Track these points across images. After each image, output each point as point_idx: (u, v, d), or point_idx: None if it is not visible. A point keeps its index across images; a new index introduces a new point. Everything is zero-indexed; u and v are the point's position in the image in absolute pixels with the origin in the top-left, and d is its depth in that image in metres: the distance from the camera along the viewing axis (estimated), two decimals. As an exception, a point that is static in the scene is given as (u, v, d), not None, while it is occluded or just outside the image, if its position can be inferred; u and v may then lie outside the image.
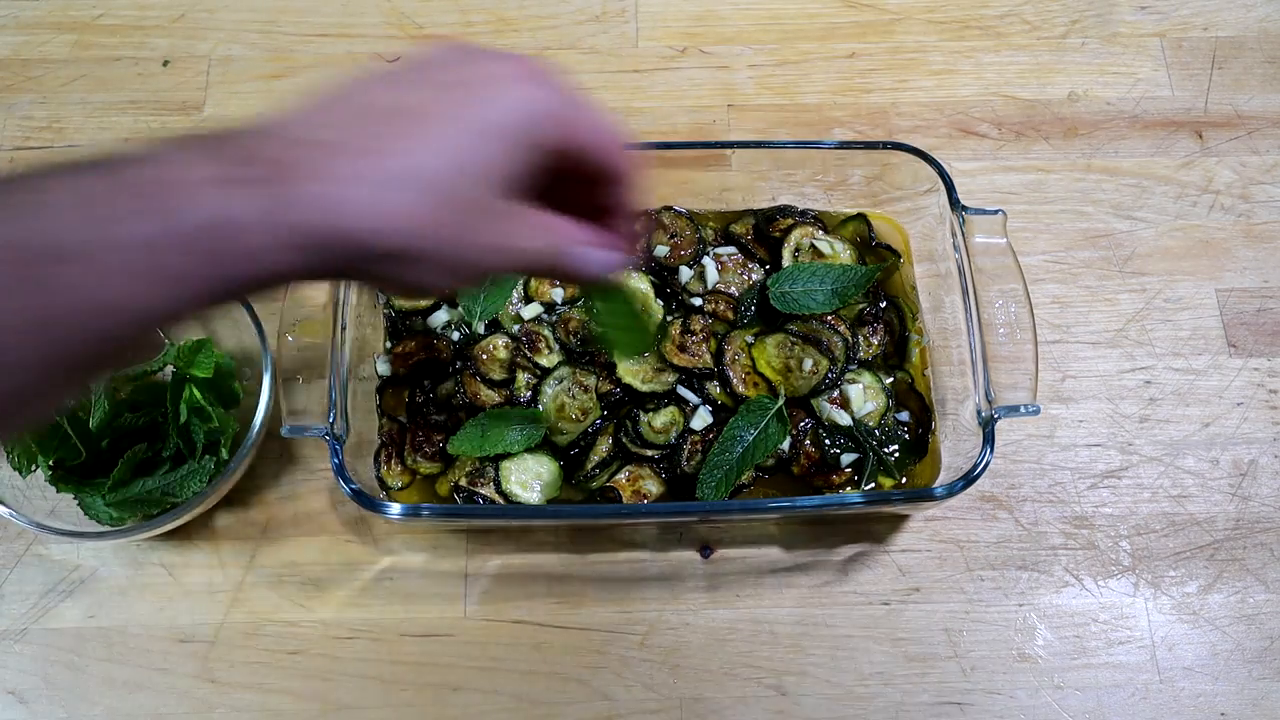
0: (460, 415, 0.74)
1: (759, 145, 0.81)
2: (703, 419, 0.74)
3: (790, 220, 0.81)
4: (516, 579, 0.75)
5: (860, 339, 0.78)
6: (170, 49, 0.94)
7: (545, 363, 0.76)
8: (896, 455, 0.75)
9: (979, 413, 0.69)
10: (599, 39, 0.95)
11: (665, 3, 0.97)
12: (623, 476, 0.74)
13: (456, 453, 0.72)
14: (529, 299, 0.79)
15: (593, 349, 0.77)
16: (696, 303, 0.78)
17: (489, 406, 0.75)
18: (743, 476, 0.72)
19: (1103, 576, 0.75)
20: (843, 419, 0.74)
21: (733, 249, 0.80)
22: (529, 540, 0.76)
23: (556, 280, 0.49)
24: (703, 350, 0.76)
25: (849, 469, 0.74)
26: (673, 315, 0.78)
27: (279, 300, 0.72)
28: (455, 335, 0.78)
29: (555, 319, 0.78)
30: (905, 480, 0.75)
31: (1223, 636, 0.74)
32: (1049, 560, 0.76)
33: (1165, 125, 0.91)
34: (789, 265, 0.79)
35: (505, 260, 0.44)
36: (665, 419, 0.74)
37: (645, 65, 0.94)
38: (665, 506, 0.74)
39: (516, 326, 0.78)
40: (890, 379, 0.77)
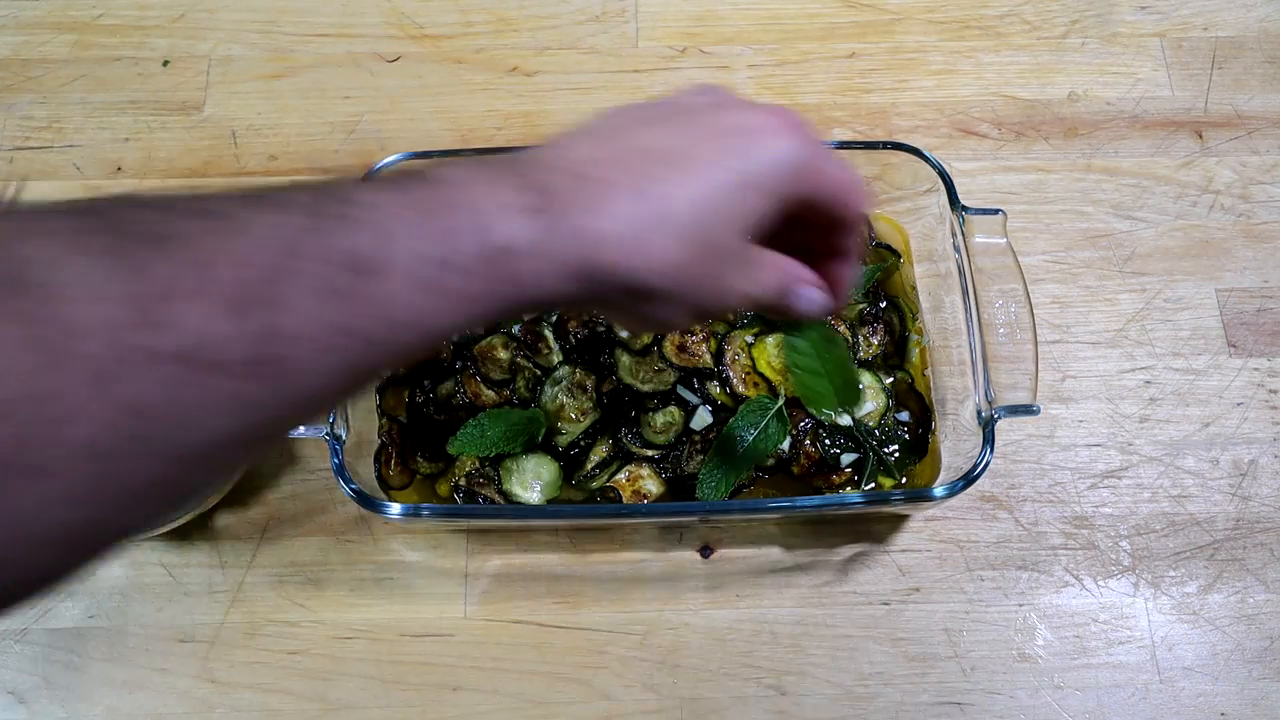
0: (460, 415, 0.74)
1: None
2: (703, 419, 0.74)
3: (790, 220, 0.81)
4: (516, 579, 0.75)
5: (860, 339, 0.78)
6: (170, 49, 0.94)
7: (545, 363, 0.76)
8: (896, 455, 0.75)
9: (979, 413, 0.69)
10: (599, 39, 0.95)
11: (665, 3, 0.97)
12: (623, 476, 0.74)
13: (456, 453, 0.72)
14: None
15: (593, 349, 0.77)
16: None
17: (489, 406, 0.75)
18: (743, 476, 0.72)
19: (1103, 576, 0.76)
20: (843, 419, 0.74)
21: (733, 249, 0.80)
22: (529, 540, 0.76)
23: (774, 316, 0.51)
24: (703, 350, 0.76)
25: (849, 469, 0.74)
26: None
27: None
28: (455, 335, 0.78)
29: (555, 319, 0.78)
30: (905, 480, 0.75)
31: (1223, 636, 0.74)
32: (1049, 560, 0.76)
33: (1165, 125, 0.91)
34: (789, 265, 0.79)
35: (740, 300, 0.47)
36: (665, 419, 0.75)
37: (645, 65, 0.94)
38: (665, 506, 0.74)
39: (516, 326, 0.78)
40: (890, 379, 0.77)
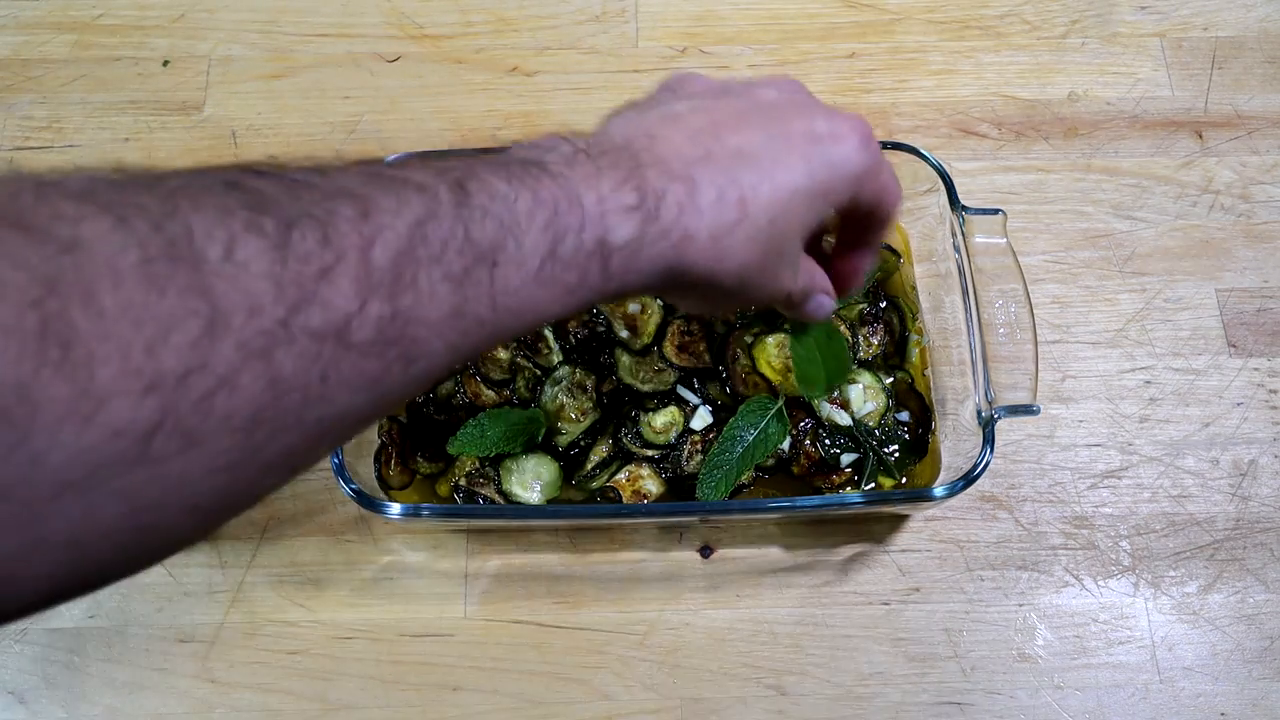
0: (460, 415, 0.74)
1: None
2: (703, 419, 0.74)
3: (790, 220, 0.81)
4: (516, 579, 0.75)
5: (860, 339, 0.78)
6: (170, 49, 0.94)
7: (545, 363, 0.76)
8: (896, 455, 0.75)
9: (979, 413, 0.69)
10: (599, 39, 0.95)
11: (665, 3, 0.97)
12: (623, 476, 0.74)
13: (456, 453, 0.72)
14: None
15: (593, 349, 0.77)
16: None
17: (489, 406, 0.75)
18: (743, 476, 0.71)
19: (1103, 576, 0.76)
20: (843, 419, 0.74)
21: (733, 249, 0.80)
22: (529, 540, 0.76)
23: (789, 315, 0.54)
24: (702, 350, 0.76)
25: (849, 469, 0.74)
26: (673, 315, 0.78)
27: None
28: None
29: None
30: (905, 480, 0.75)
31: (1223, 636, 0.74)
32: (1049, 560, 0.76)
33: (1165, 125, 0.91)
34: (789, 265, 0.79)
35: (776, 297, 0.48)
36: (665, 419, 0.74)
37: (645, 65, 0.94)
38: (665, 506, 0.74)
39: (516, 326, 0.78)
40: (890, 379, 0.77)
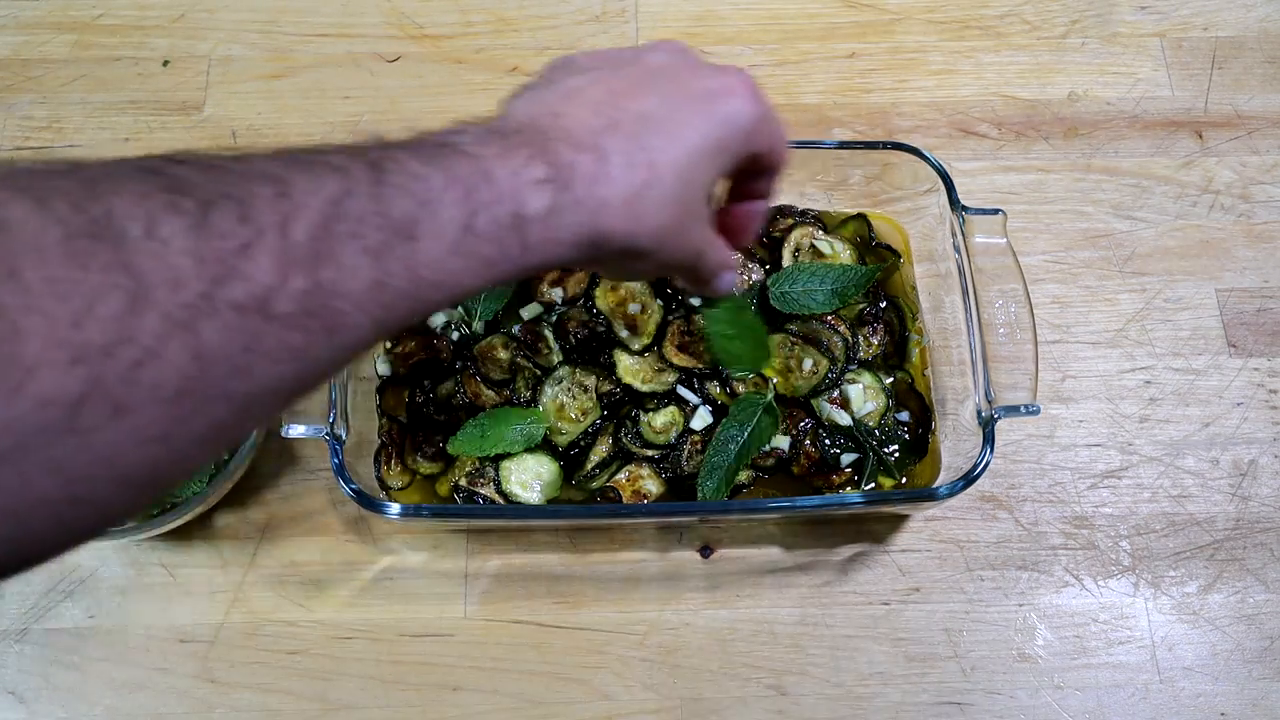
0: (460, 415, 0.74)
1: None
2: (703, 419, 0.74)
3: (790, 220, 0.81)
4: (516, 579, 0.75)
5: (860, 339, 0.78)
6: (170, 49, 0.94)
7: (545, 363, 0.76)
8: (896, 455, 0.75)
9: (979, 413, 0.69)
10: (599, 39, 0.95)
11: (665, 3, 0.97)
12: (623, 476, 0.74)
13: (456, 453, 0.72)
14: (529, 299, 0.79)
15: (593, 349, 0.77)
16: (696, 303, 0.78)
17: (489, 406, 0.75)
18: (740, 475, 0.71)
19: (1103, 576, 0.76)
20: (843, 419, 0.74)
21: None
22: (529, 540, 0.76)
23: (693, 289, 0.55)
24: (703, 350, 0.76)
25: (849, 469, 0.74)
26: (673, 315, 0.78)
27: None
28: (455, 335, 0.78)
29: (555, 319, 0.78)
30: (905, 480, 0.75)
31: (1223, 636, 0.74)
32: (1049, 560, 0.76)
33: (1165, 125, 0.91)
34: (789, 265, 0.79)
35: (688, 260, 0.49)
36: (665, 419, 0.74)
37: (645, 65, 0.94)
38: (665, 506, 0.74)
39: (516, 326, 0.78)
40: (890, 379, 0.77)
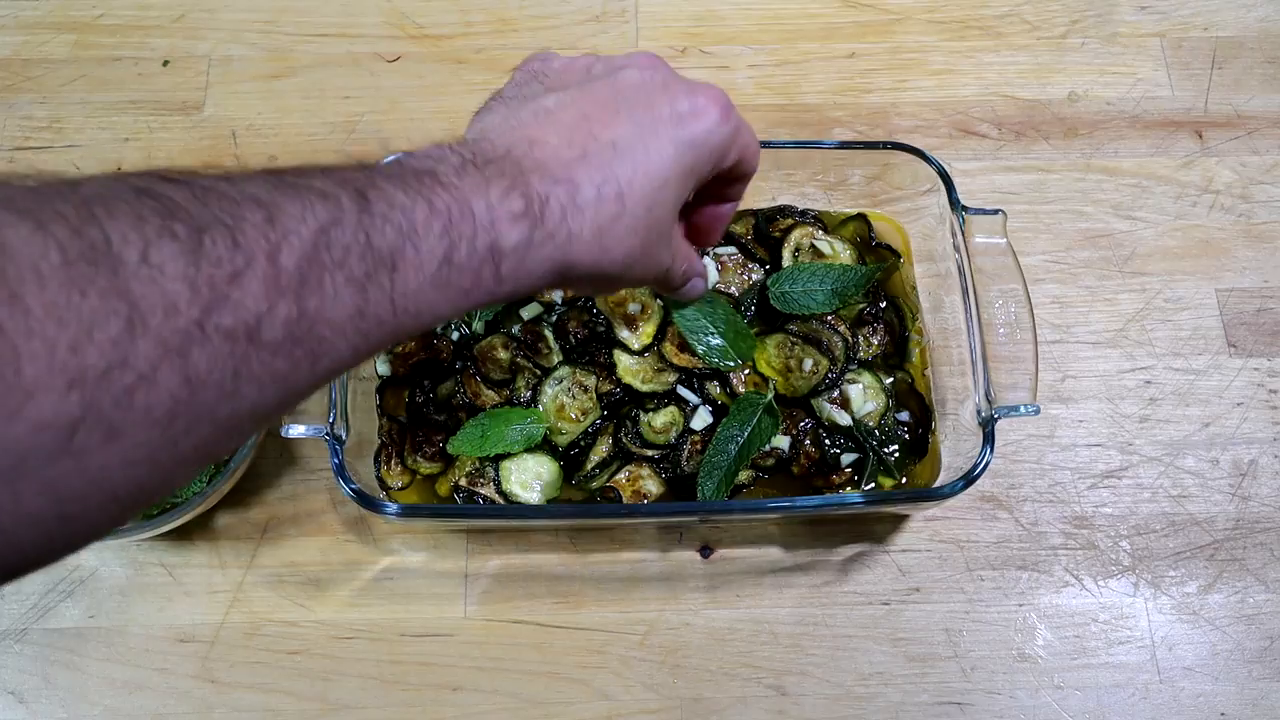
0: (460, 415, 0.74)
1: (759, 145, 0.80)
2: (703, 419, 0.74)
3: (790, 220, 0.81)
4: (516, 579, 0.75)
5: (860, 339, 0.78)
6: (170, 49, 0.94)
7: (545, 363, 0.76)
8: (896, 455, 0.75)
9: (979, 413, 0.69)
10: (599, 39, 0.95)
11: (665, 3, 0.97)
12: (623, 476, 0.74)
13: (456, 453, 0.72)
14: (529, 299, 0.79)
15: (592, 349, 0.77)
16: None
17: (489, 406, 0.75)
18: (740, 475, 0.71)
19: (1103, 576, 0.76)
20: (843, 419, 0.74)
21: (733, 249, 0.80)
22: (529, 540, 0.76)
23: (665, 294, 0.56)
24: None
25: (849, 469, 0.74)
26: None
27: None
28: (455, 335, 0.78)
29: (555, 319, 0.78)
30: (905, 480, 0.75)
31: (1223, 636, 0.74)
32: (1049, 560, 0.76)
33: (1165, 125, 0.91)
34: (789, 265, 0.79)
35: (658, 275, 0.51)
36: (665, 419, 0.74)
37: (645, 65, 0.94)
38: (665, 506, 0.74)
39: (516, 326, 0.78)
40: (890, 379, 0.77)
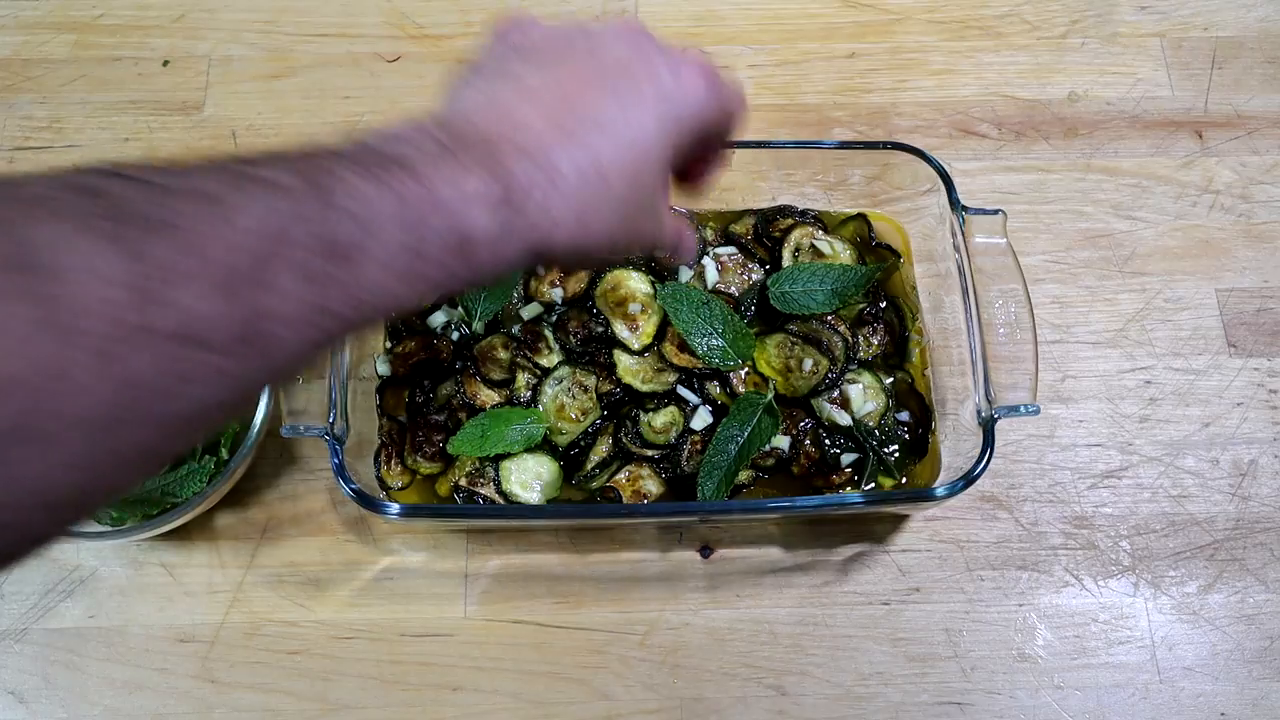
0: (460, 415, 0.74)
1: (759, 145, 0.81)
2: (703, 419, 0.74)
3: (790, 220, 0.81)
4: (516, 579, 0.75)
5: (860, 339, 0.78)
6: (170, 49, 0.94)
7: (545, 363, 0.76)
8: (896, 455, 0.75)
9: (979, 413, 0.69)
10: (599, 39, 0.95)
11: (665, 3, 0.97)
12: (623, 476, 0.74)
13: (456, 453, 0.72)
14: (529, 299, 0.79)
15: (593, 349, 0.77)
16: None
17: (489, 406, 0.75)
18: (740, 475, 0.71)
19: (1103, 576, 0.76)
20: (843, 419, 0.74)
21: (733, 249, 0.80)
22: (529, 540, 0.76)
23: (659, 257, 0.56)
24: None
25: (849, 469, 0.74)
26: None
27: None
28: (455, 335, 0.78)
29: (555, 319, 0.78)
30: (905, 480, 0.75)
31: (1223, 636, 0.74)
32: (1049, 560, 0.76)
33: (1165, 125, 0.91)
34: (789, 265, 0.79)
35: (648, 242, 0.49)
36: (665, 419, 0.74)
37: (645, 65, 0.94)
38: (665, 506, 0.74)
39: (516, 326, 0.78)
40: (890, 379, 0.77)
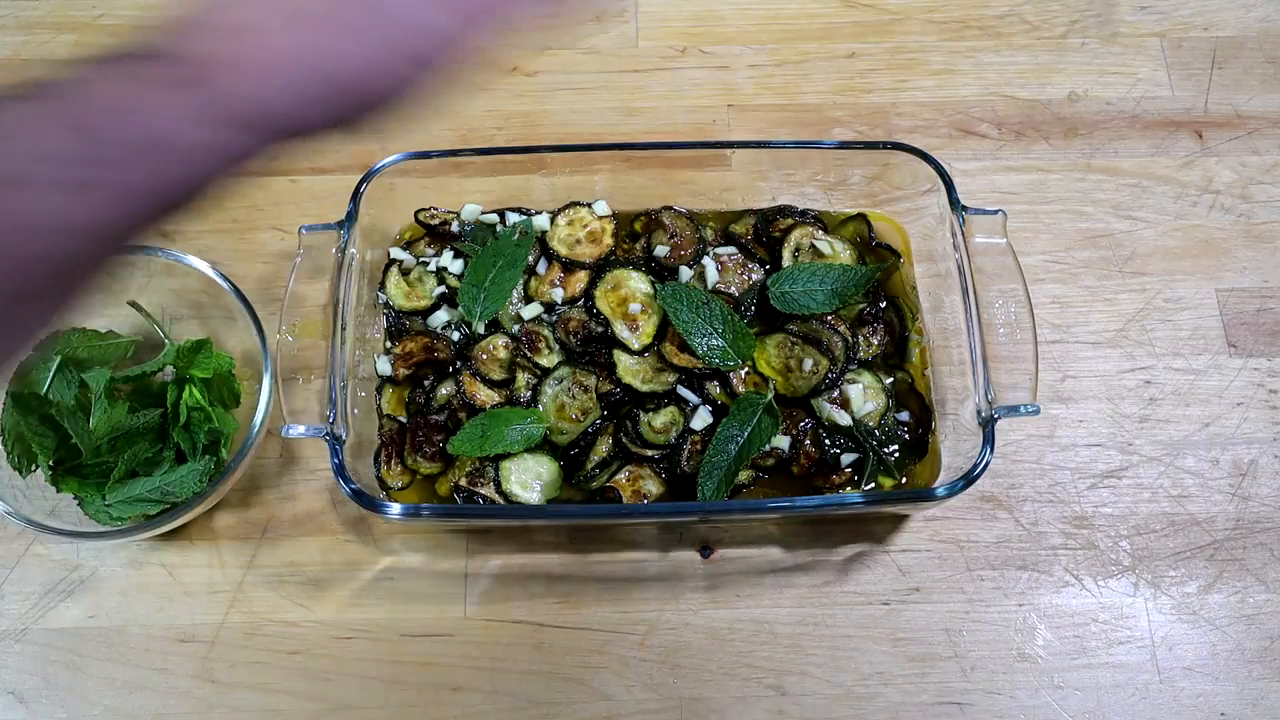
0: (460, 415, 0.74)
1: (759, 145, 0.81)
2: (703, 419, 0.74)
3: (790, 220, 0.81)
4: (516, 579, 0.75)
5: (860, 339, 0.78)
6: (170, 49, 0.94)
7: (545, 363, 0.76)
8: (896, 455, 0.75)
9: (979, 413, 0.69)
10: (599, 39, 0.95)
11: (665, 3, 0.97)
12: (623, 476, 0.74)
13: (456, 453, 0.72)
14: (529, 299, 0.79)
15: (593, 349, 0.77)
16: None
17: (489, 406, 0.75)
18: (740, 475, 0.71)
19: (1103, 576, 0.76)
20: (843, 419, 0.74)
21: (733, 249, 0.80)
22: (529, 540, 0.76)
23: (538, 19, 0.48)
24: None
25: (849, 469, 0.74)
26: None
27: (279, 299, 0.72)
28: (455, 335, 0.78)
29: (555, 319, 0.78)
30: (905, 480, 0.75)
31: (1223, 636, 0.74)
32: (1049, 560, 0.76)
33: (1165, 125, 0.91)
34: (789, 265, 0.79)
35: (445, 46, 0.43)
36: (665, 419, 0.74)
37: (645, 65, 0.94)
38: (665, 506, 0.74)
39: (516, 326, 0.78)
40: (890, 379, 0.77)
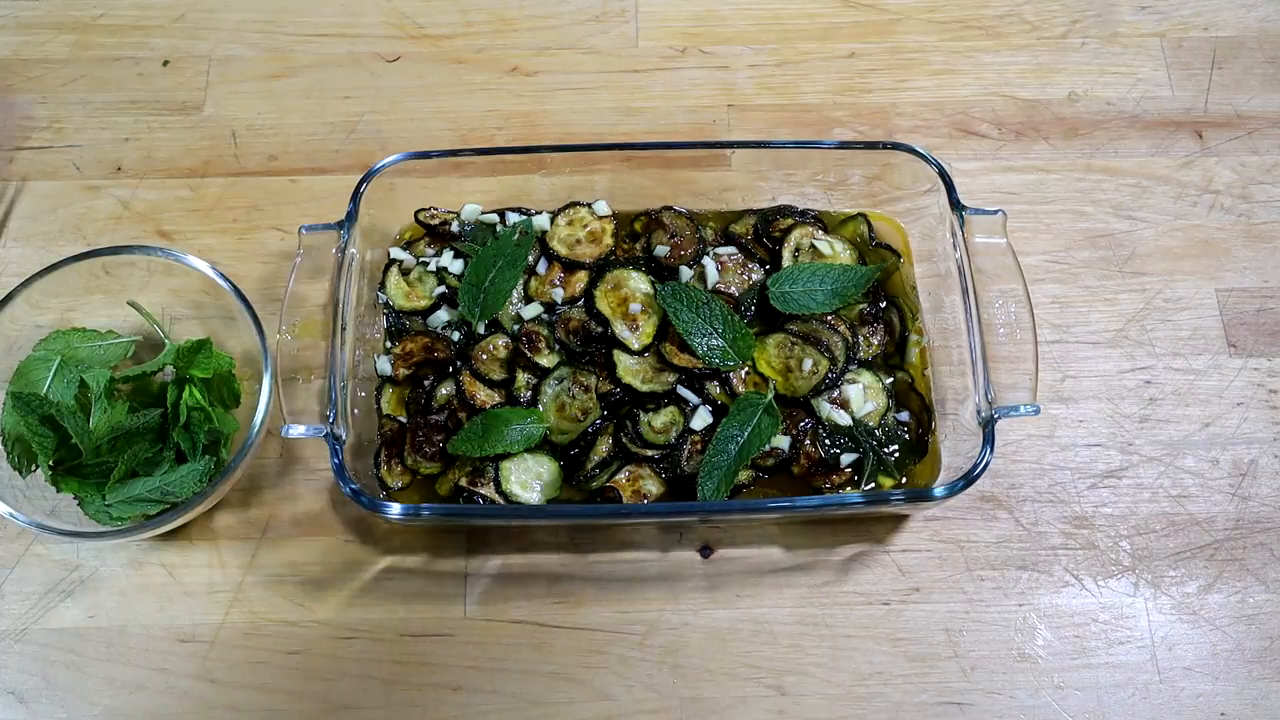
0: (460, 415, 0.74)
1: (759, 145, 0.81)
2: (703, 419, 0.74)
3: (790, 220, 0.81)
4: (516, 579, 0.75)
5: (860, 339, 0.78)
6: (170, 49, 0.94)
7: (545, 363, 0.76)
8: (896, 455, 0.75)
9: (979, 413, 0.69)
10: (599, 39, 0.95)
11: (665, 3, 0.97)
12: (623, 476, 0.74)
13: (456, 453, 0.72)
14: (529, 299, 0.79)
15: (592, 349, 0.77)
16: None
17: (489, 406, 0.75)
18: (740, 475, 0.71)
19: (1103, 576, 0.76)
20: (843, 419, 0.74)
21: (733, 249, 0.80)
22: (529, 540, 0.76)
23: None
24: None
25: (849, 469, 0.74)
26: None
27: (279, 299, 0.72)
28: (455, 335, 0.78)
29: (555, 319, 0.78)
30: (905, 480, 0.75)
31: (1223, 636, 0.74)
32: (1049, 560, 0.76)
33: (1165, 125, 0.91)
34: (789, 265, 0.79)
35: None
36: (665, 419, 0.74)
37: (645, 65, 0.94)
38: (665, 506, 0.74)
39: (516, 326, 0.78)
40: (890, 379, 0.77)
